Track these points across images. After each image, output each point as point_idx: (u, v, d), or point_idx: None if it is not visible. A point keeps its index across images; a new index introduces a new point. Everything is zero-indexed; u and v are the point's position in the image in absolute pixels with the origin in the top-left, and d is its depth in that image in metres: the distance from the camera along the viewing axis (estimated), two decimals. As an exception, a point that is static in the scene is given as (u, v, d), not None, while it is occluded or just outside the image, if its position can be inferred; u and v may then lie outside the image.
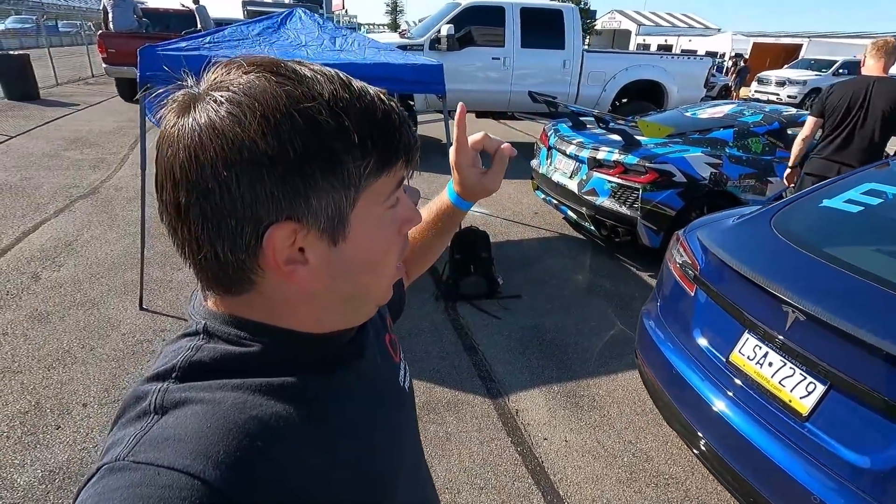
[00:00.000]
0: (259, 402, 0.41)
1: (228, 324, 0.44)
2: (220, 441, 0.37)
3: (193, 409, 0.38)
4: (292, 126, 0.37)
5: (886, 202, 1.85)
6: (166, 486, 0.33)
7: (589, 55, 7.23)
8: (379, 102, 0.42)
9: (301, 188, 0.38)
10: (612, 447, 2.24)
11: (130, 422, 0.39)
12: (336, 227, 0.41)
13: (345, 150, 0.39)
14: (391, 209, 0.45)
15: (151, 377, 0.42)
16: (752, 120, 4.12)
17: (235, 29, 3.10)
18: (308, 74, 0.40)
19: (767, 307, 1.60)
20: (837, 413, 1.42)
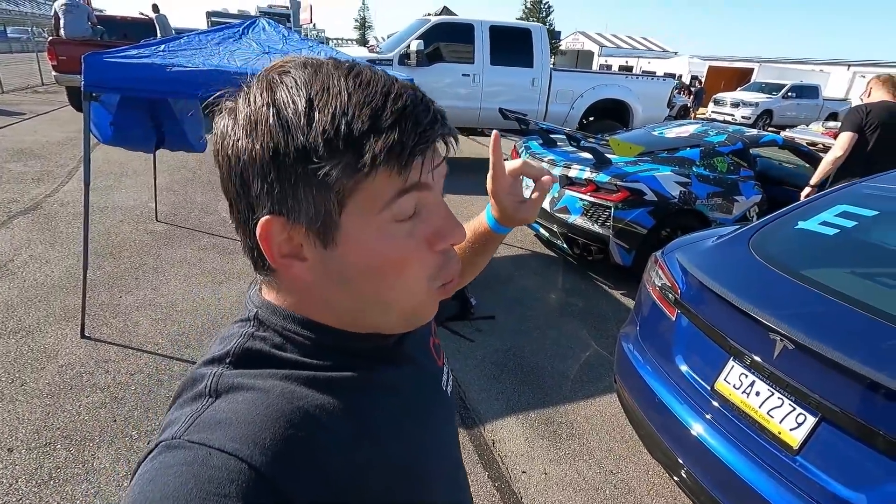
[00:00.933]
0: (305, 394, 0.43)
1: (277, 314, 0.47)
2: (267, 428, 0.39)
3: (244, 395, 0.41)
4: (267, 126, 0.39)
5: (861, 225, 1.85)
6: (216, 467, 0.35)
7: (557, 73, 7.34)
8: (378, 98, 0.40)
9: (278, 186, 0.40)
10: (593, 478, 2.14)
11: (187, 402, 0.42)
12: (323, 228, 0.41)
13: (312, 150, 0.39)
14: (401, 219, 0.43)
15: (208, 360, 0.45)
16: (717, 140, 4.20)
17: (193, 37, 2.93)
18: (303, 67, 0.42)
19: (753, 334, 1.54)
20: (830, 446, 1.36)
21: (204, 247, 4.10)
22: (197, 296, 3.34)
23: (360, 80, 0.41)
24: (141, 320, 3.00)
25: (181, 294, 3.34)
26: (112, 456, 2.05)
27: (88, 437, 2.13)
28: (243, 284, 3.52)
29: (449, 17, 7.56)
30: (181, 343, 2.82)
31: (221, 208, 5.02)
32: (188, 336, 2.89)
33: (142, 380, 2.50)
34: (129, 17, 11.24)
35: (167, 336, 2.87)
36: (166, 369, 2.60)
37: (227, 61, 2.78)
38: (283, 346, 0.46)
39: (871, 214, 1.90)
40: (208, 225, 4.57)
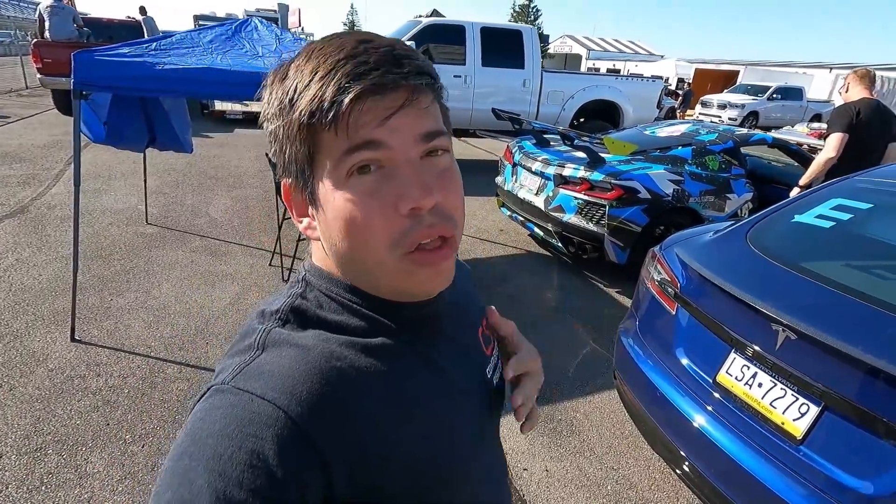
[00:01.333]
0: (343, 355, 0.45)
1: (322, 277, 0.50)
2: (304, 382, 0.42)
3: (288, 351, 0.44)
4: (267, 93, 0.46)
5: (856, 218, 1.86)
6: (256, 412, 0.39)
7: (548, 75, 7.38)
8: (326, 57, 0.42)
9: (276, 148, 0.46)
10: (595, 475, 2.14)
11: (238, 353, 0.46)
12: (305, 187, 0.46)
13: (276, 113, 0.44)
14: (359, 176, 0.43)
15: (260, 315, 0.50)
16: (708, 138, 4.24)
17: (185, 35, 2.89)
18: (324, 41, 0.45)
19: (755, 326, 1.55)
20: (834, 435, 1.37)
21: (195, 249, 4.05)
22: (189, 298, 3.29)
23: (327, 45, 0.43)
24: (132, 323, 2.95)
25: (173, 296, 3.29)
26: (105, 460, 2.00)
27: (81, 442, 2.08)
28: (236, 286, 3.48)
29: (440, 18, 7.58)
30: (174, 345, 2.77)
31: (212, 210, 4.96)
32: (181, 338, 2.84)
33: (134, 383, 2.45)
34: (115, 19, 11.11)
35: (160, 338, 2.82)
36: (160, 372, 2.55)
37: (219, 60, 2.75)
38: (327, 306, 0.49)
39: (866, 207, 1.92)
40: (199, 227, 4.52)
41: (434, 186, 0.44)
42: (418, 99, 0.44)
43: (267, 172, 6.19)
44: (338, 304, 0.49)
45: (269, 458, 0.37)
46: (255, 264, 3.85)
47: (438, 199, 0.44)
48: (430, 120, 0.45)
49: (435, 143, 0.45)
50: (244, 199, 5.37)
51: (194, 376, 2.53)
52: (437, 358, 0.52)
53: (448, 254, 0.46)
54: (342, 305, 0.49)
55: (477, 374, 0.59)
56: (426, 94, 0.45)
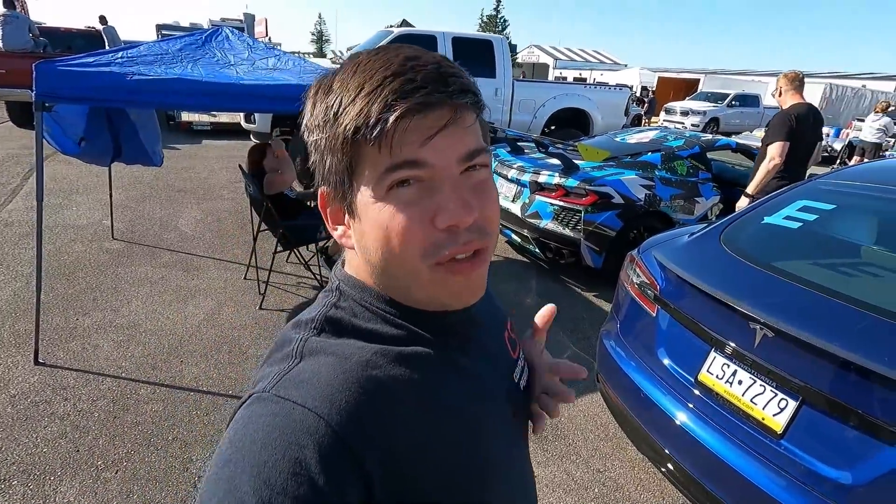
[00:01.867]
0: (379, 364, 0.46)
1: (355, 287, 0.51)
2: (343, 391, 0.42)
3: (326, 359, 0.45)
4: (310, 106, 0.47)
5: (821, 218, 1.95)
6: (298, 420, 0.40)
7: (519, 84, 7.51)
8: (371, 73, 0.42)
9: (317, 158, 0.47)
10: (582, 478, 2.15)
11: (277, 361, 0.46)
12: (344, 197, 0.47)
13: (320, 125, 0.45)
14: (398, 189, 0.43)
15: (296, 324, 0.50)
16: (676, 144, 4.38)
17: (153, 45, 2.82)
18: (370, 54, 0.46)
19: (734, 325, 1.60)
20: (813, 429, 1.42)
21: (166, 264, 3.92)
22: (161, 315, 3.17)
23: (373, 60, 0.44)
24: (101, 343, 2.83)
25: (144, 314, 3.17)
26: (76, 489, 1.90)
27: (49, 471, 1.97)
28: (210, 301, 3.38)
29: (410, 29, 7.62)
30: (147, 365, 2.67)
31: (182, 224, 4.83)
32: (154, 357, 2.74)
33: (105, 406, 2.35)
34: (74, 28, 10.74)
35: (131, 358, 2.71)
36: (132, 393, 2.45)
37: (190, 69, 2.70)
38: (362, 316, 0.50)
39: (829, 208, 2.01)
40: (169, 241, 4.38)
41: (473, 203, 0.44)
42: (462, 117, 0.44)
43: (238, 184, 6.07)
44: (371, 313, 0.50)
45: (311, 467, 0.38)
46: (230, 278, 3.75)
47: (476, 215, 0.45)
48: (472, 138, 0.45)
49: (476, 160, 0.45)
50: (216, 212, 5.24)
51: (169, 396, 2.44)
52: (468, 364, 0.53)
53: (480, 265, 0.47)
54: (375, 314, 0.50)
55: (506, 378, 0.60)
56: (469, 112, 0.45)
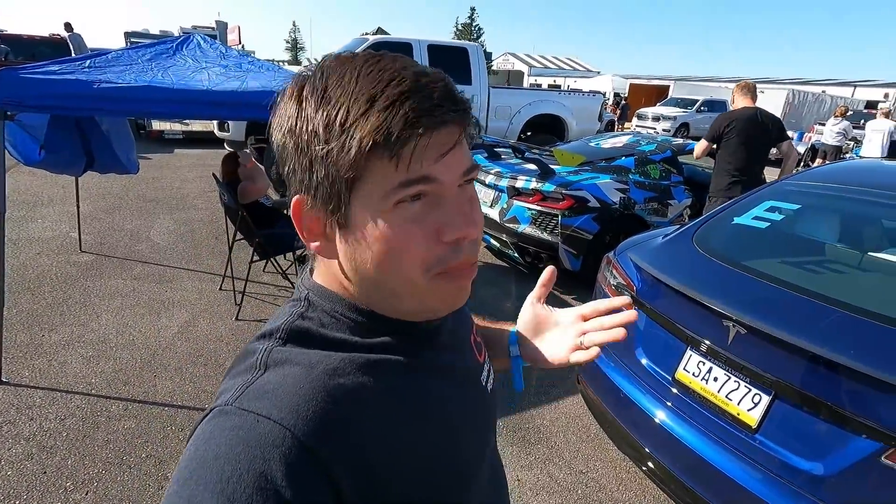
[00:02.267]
0: (347, 372, 0.45)
1: (325, 297, 0.50)
2: (309, 401, 0.41)
3: (291, 369, 0.44)
4: (291, 116, 0.44)
5: (787, 218, 2.02)
6: (263, 433, 0.39)
7: (495, 91, 7.59)
8: (380, 85, 0.41)
9: (299, 168, 0.45)
10: (565, 480, 2.16)
11: (240, 373, 0.45)
12: (336, 209, 0.44)
13: (317, 134, 0.42)
14: (406, 204, 0.43)
15: (261, 335, 0.49)
16: (649, 149, 4.48)
17: (122, 53, 2.76)
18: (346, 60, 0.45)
19: (708, 323, 1.63)
20: (785, 422, 1.46)
21: (137, 276, 3.82)
22: (133, 328, 3.08)
23: (374, 69, 0.43)
24: (69, 359, 2.73)
25: (114, 328, 3.07)
26: (44, 512, 1.82)
27: (14, 494, 1.88)
28: (185, 313, 3.30)
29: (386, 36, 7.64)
30: (118, 380, 2.58)
31: (154, 234, 4.71)
32: (126, 372, 2.65)
33: (74, 424, 2.26)
34: (37, 36, 10.44)
35: (101, 374, 2.62)
36: (102, 411, 2.36)
37: (161, 77, 2.64)
38: (330, 326, 0.49)
39: (795, 208, 2.09)
40: (141, 253, 4.26)
41: (475, 217, 0.47)
42: (465, 136, 0.46)
43: (212, 194, 5.96)
44: (340, 322, 0.49)
45: (278, 480, 0.37)
46: (205, 289, 3.67)
47: (480, 228, 0.47)
48: (469, 155, 0.47)
49: (471, 175, 0.47)
50: (189, 222, 5.13)
51: (143, 412, 2.37)
52: (439, 369, 0.53)
53: (473, 272, 0.49)
54: (345, 324, 0.49)
55: (475, 381, 0.60)
56: (468, 130, 0.46)
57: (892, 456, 1.23)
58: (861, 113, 16.08)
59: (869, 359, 1.30)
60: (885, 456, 1.24)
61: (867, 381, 1.28)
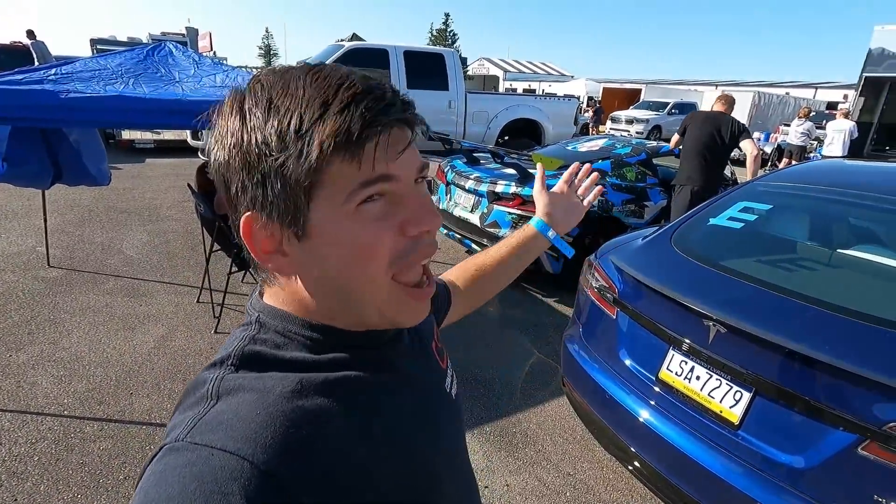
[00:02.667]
0: (306, 393, 0.43)
1: (277, 317, 0.48)
2: (268, 427, 0.39)
3: (245, 396, 0.42)
4: (235, 130, 0.42)
5: (760, 218, 2.08)
6: (219, 467, 0.36)
7: (472, 96, 7.64)
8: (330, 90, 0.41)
9: (249, 183, 0.42)
10: (553, 483, 2.17)
11: (190, 406, 0.43)
12: (294, 221, 0.43)
13: (268, 145, 0.41)
14: (368, 204, 0.43)
15: (211, 364, 0.46)
16: (624, 152, 4.57)
17: (90, 60, 2.68)
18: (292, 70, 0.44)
19: (689, 323, 1.67)
20: (766, 418, 1.49)
21: (110, 290, 3.70)
22: (107, 345, 2.98)
23: (320, 76, 0.43)
24: (39, 379, 2.62)
25: (87, 345, 2.97)
26: (15, 542, 1.74)
27: (-18, 525, 1.80)
28: (161, 327, 3.21)
29: (362, 42, 7.61)
30: (92, 400, 2.49)
31: (126, 247, 4.58)
32: (100, 391, 2.57)
33: (46, 448, 2.17)
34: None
35: (74, 394, 2.53)
36: (76, 432, 2.28)
37: (131, 86, 2.58)
38: (285, 347, 0.47)
39: (767, 208, 2.15)
40: (113, 266, 4.14)
41: (435, 210, 0.48)
42: (415, 134, 0.46)
43: (187, 203, 5.83)
44: (295, 342, 0.47)
45: None
46: (181, 302, 3.58)
47: (440, 220, 0.47)
48: (419, 154, 0.48)
49: (424, 173, 0.48)
50: (163, 234, 5.00)
51: (119, 432, 2.29)
52: (401, 381, 0.53)
53: (433, 290, 0.50)
54: (300, 343, 0.47)
55: (439, 389, 0.60)
56: (417, 129, 0.47)
57: (868, 447, 1.27)
58: (823, 114, 16.74)
59: (843, 354, 1.35)
60: (862, 447, 1.28)
61: (842, 376, 1.33)
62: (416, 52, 7.30)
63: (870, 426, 1.27)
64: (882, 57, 12.97)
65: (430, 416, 0.55)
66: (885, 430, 1.24)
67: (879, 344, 1.38)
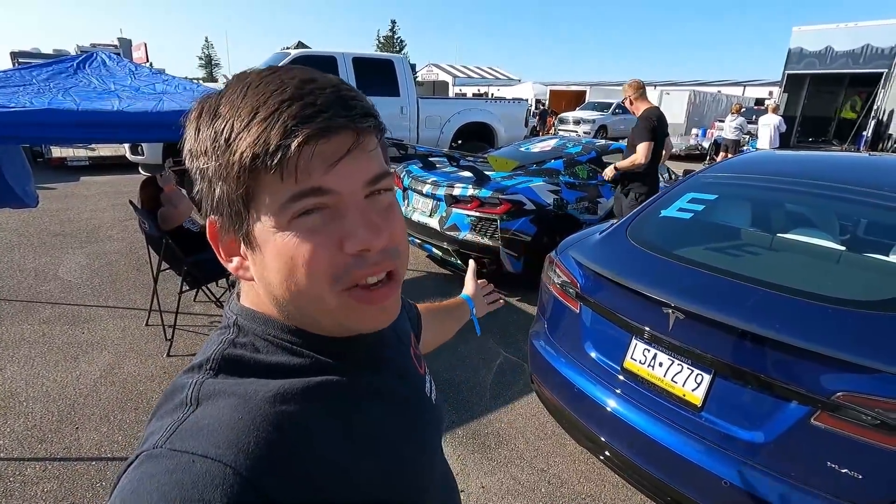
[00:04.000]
0: (287, 398, 0.42)
1: (256, 320, 0.47)
2: (250, 432, 0.38)
3: (226, 401, 0.41)
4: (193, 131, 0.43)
5: (707, 207, 2.19)
6: (200, 473, 0.35)
7: (424, 101, 7.67)
8: (263, 97, 0.40)
9: (202, 187, 0.43)
10: (528, 480, 2.19)
11: (168, 412, 0.41)
12: (240, 228, 0.43)
13: (204, 152, 0.41)
14: (303, 217, 0.41)
15: (189, 369, 0.45)
16: (575, 151, 4.70)
17: (13, 73, 2.49)
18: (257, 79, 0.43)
19: (649, 312, 1.72)
20: (726, 398, 1.56)
21: (47, 319, 3.44)
22: (47, 378, 2.76)
23: (265, 81, 0.42)
24: (-31, 421, 2.39)
25: (24, 380, 2.74)
26: None
27: None
28: (107, 354, 3.01)
29: (308, 50, 7.47)
30: (33, 438, 2.30)
31: (63, 272, 4.27)
32: (41, 428, 2.37)
33: (-19, 495, 1.98)
34: None
35: (10, 434, 2.32)
36: (16, 475, 2.09)
37: (61, 98, 2.41)
38: (265, 350, 0.46)
39: (713, 198, 2.26)
40: (48, 293, 3.85)
41: (382, 226, 0.44)
42: (364, 142, 0.43)
43: (129, 222, 5.53)
44: (275, 346, 0.46)
45: None
46: (128, 326, 3.37)
47: (386, 238, 0.44)
48: (376, 163, 0.44)
49: (380, 185, 0.45)
50: (104, 255, 4.71)
51: (65, 471, 2.12)
52: (382, 386, 0.52)
53: (394, 290, 0.47)
54: (280, 347, 0.46)
55: (419, 394, 0.60)
56: (372, 136, 0.44)
57: (820, 417, 1.35)
58: (752, 109, 17.86)
59: (791, 331, 1.43)
60: (814, 418, 1.36)
61: (792, 352, 1.40)
62: (365, 58, 7.26)
63: (820, 397, 1.35)
64: (801, 56, 14.02)
65: (412, 421, 0.55)
66: (833, 399, 1.32)
67: (823, 320, 1.47)
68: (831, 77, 14.71)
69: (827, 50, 13.71)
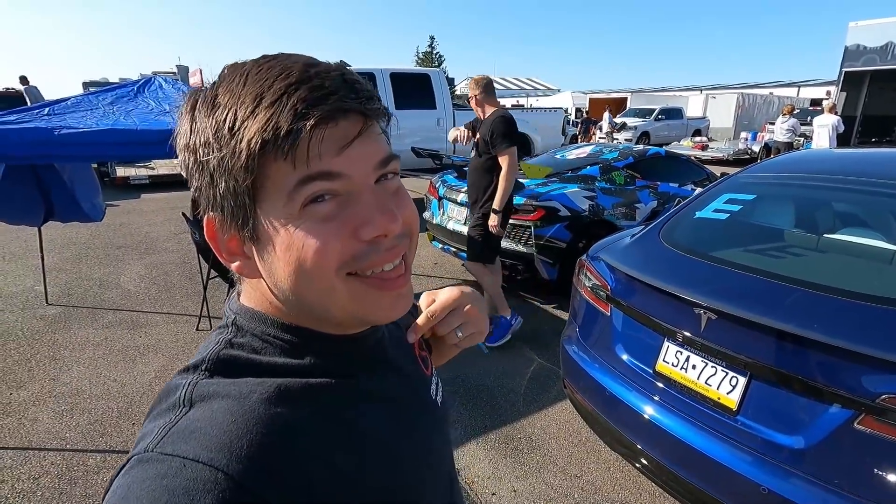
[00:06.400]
0: (284, 400, 0.41)
1: (255, 319, 0.46)
2: (244, 435, 0.37)
3: (220, 403, 0.39)
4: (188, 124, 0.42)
5: (745, 208, 2.12)
6: (191, 479, 0.34)
7: (460, 112, 7.75)
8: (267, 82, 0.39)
9: (200, 183, 0.42)
10: (560, 486, 2.16)
11: (161, 414, 0.40)
12: (244, 223, 0.41)
13: (207, 143, 0.40)
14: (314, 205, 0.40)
15: (184, 369, 0.44)
16: (611, 156, 4.64)
17: (82, 98, 2.75)
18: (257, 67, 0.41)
19: (681, 313, 1.69)
20: (763, 401, 1.50)
21: (109, 324, 3.70)
22: (108, 378, 2.98)
23: (265, 67, 0.40)
24: (40, 416, 2.61)
25: (88, 379, 2.96)
26: (20, 578, 1.72)
27: (-14, 563, 1.78)
28: (161, 358, 3.21)
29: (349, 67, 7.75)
30: (95, 432, 2.48)
31: (124, 281, 4.59)
32: (103, 423, 2.56)
33: (49, 482, 2.16)
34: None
35: (76, 427, 2.52)
36: (79, 465, 2.26)
37: (122, 119, 2.64)
38: (263, 351, 0.45)
39: (751, 198, 2.19)
40: (111, 300, 4.15)
41: (396, 210, 0.42)
42: (372, 125, 0.42)
43: (183, 235, 5.87)
44: (273, 346, 0.45)
45: None
46: (180, 332, 3.58)
47: (401, 223, 0.43)
48: (384, 146, 0.43)
49: (389, 167, 0.43)
50: (160, 265, 5.03)
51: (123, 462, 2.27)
52: (383, 388, 0.51)
53: (408, 277, 0.46)
54: (278, 347, 0.45)
55: (423, 396, 0.58)
56: (378, 119, 0.43)
57: (864, 421, 1.28)
58: (807, 110, 16.97)
59: (833, 331, 1.37)
60: (858, 422, 1.29)
61: (833, 352, 1.34)
62: (402, 73, 7.47)
63: (863, 400, 1.28)
64: (859, 52, 13.24)
65: (414, 423, 0.53)
66: (878, 402, 1.25)
67: (867, 319, 1.40)
68: (894, 73, 13.77)
69: (888, 45, 12.88)
